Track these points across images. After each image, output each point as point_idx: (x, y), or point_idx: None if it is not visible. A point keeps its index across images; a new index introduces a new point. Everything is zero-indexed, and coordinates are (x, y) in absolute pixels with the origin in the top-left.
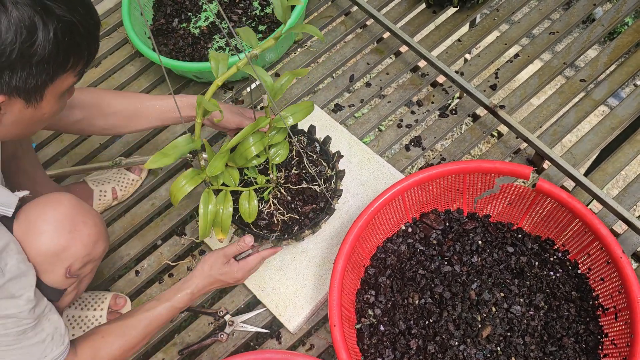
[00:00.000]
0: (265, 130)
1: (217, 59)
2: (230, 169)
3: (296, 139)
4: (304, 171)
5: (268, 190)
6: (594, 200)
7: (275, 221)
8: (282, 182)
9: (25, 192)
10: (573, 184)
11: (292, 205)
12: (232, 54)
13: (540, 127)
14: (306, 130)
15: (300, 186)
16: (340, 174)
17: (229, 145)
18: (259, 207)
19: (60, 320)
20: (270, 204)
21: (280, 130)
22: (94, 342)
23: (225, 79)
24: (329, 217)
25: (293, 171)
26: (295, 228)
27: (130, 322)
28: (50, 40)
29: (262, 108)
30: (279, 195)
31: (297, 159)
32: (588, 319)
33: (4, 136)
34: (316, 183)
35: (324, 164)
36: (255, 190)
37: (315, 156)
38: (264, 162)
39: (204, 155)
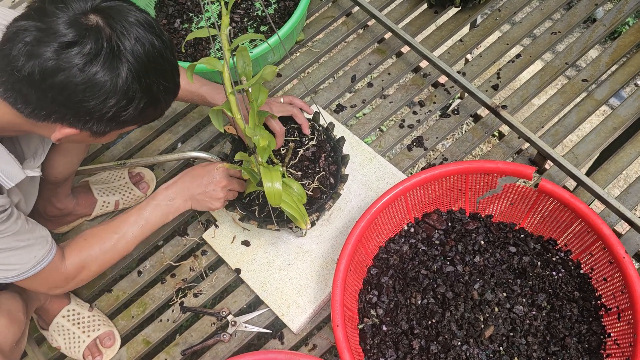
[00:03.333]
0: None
1: (215, 114)
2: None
3: (317, 134)
4: (313, 163)
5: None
6: (596, 200)
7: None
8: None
9: (35, 173)
10: (575, 184)
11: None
12: (233, 55)
13: (542, 127)
14: (325, 127)
15: (307, 171)
16: (344, 178)
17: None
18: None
19: (39, 225)
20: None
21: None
22: (78, 245)
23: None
24: (333, 201)
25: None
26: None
27: (112, 224)
28: (138, 110)
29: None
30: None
31: (313, 149)
32: (591, 319)
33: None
34: (323, 172)
35: (333, 164)
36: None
37: (328, 152)
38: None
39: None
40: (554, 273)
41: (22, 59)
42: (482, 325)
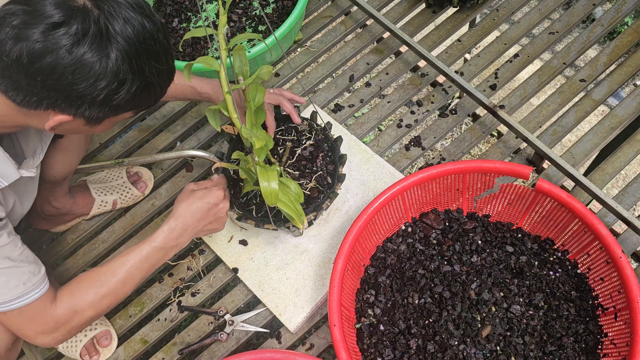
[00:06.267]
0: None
1: (212, 114)
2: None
3: (314, 133)
4: (310, 163)
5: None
6: (594, 200)
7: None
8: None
9: (30, 174)
10: (573, 183)
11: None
12: (231, 54)
13: (540, 127)
14: (323, 126)
15: (305, 171)
16: (341, 178)
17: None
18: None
19: (32, 253)
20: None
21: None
22: (70, 288)
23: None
24: (331, 200)
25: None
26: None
27: (109, 267)
28: (131, 93)
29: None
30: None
31: (310, 148)
32: (588, 319)
33: (57, 132)
34: (320, 172)
35: (331, 163)
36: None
37: (326, 152)
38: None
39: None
40: (551, 273)
41: (10, 42)
42: (479, 325)
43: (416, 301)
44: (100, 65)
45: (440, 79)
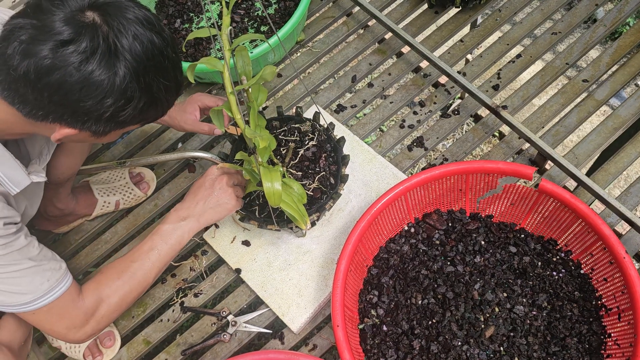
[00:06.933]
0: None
1: (216, 114)
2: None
3: (317, 134)
4: (312, 163)
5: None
6: (597, 201)
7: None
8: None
9: (40, 179)
10: (575, 184)
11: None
12: (234, 55)
13: (543, 127)
14: (326, 127)
15: (308, 171)
16: (344, 178)
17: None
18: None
19: (49, 251)
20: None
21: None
22: (95, 279)
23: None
24: (334, 201)
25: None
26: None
27: (129, 253)
28: (137, 109)
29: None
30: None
31: (313, 149)
32: (591, 319)
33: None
34: (323, 172)
35: (334, 164)
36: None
37: (329, 152)
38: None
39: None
40: (555, 273)
41: (18, 57)
42: (483, 326)
43: (419, 302)
44: (108, 82)
45: (443, 79)
